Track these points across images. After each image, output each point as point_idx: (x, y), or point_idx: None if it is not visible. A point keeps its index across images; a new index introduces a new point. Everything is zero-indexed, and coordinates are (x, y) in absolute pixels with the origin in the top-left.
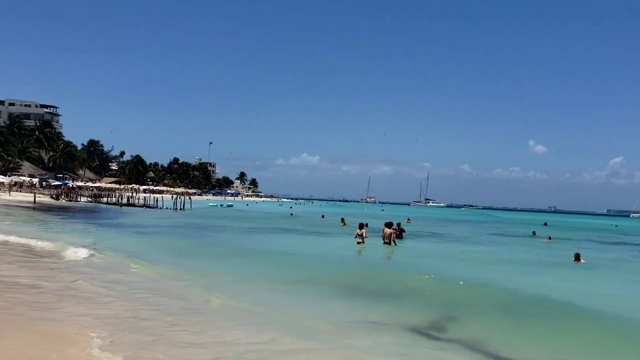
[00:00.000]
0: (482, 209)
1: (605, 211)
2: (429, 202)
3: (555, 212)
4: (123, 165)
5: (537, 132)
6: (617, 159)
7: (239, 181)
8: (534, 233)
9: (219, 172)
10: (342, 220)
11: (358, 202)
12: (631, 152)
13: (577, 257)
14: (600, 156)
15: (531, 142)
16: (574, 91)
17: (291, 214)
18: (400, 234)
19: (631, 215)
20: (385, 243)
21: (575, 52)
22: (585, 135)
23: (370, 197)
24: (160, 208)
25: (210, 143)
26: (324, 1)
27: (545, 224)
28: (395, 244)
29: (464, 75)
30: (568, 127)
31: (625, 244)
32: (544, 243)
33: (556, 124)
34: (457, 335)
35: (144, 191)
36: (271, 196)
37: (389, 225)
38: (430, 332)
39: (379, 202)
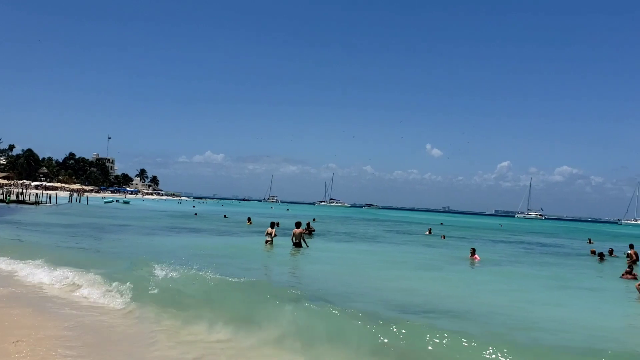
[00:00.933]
0: (383, 208)
1: (493, 211)
2: (333, 202)
3: (449, 212)
4: (12, 160)
5: (433, 137)
6: (505, 163)
7: (139, 178)
8: (429, 231)
9: (118, 169)
10: (249, 219)
11: (260, 201)
12: (517, 157)
13: (473, 253)
14: (490, 160)
15: (428, 146)
16: (465, 101)
17: (195, 214)
18: (310, 233)
19: (516, 216)
20: (294, 243)
21: (465, 71)
22: (477, 141)
23: (273, 196)
24: (53, 205)
25: (109, 138)
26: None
27: (442, 224)
28: (307, 245)
29: (367, 85)
30: (461, 133)
31: (509, 242)
32: (440, 240)
33: (450, 130)
34: None
35: (36, 187)
36: (172, 194)
37: (298, 225)
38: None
39: (281, 202)
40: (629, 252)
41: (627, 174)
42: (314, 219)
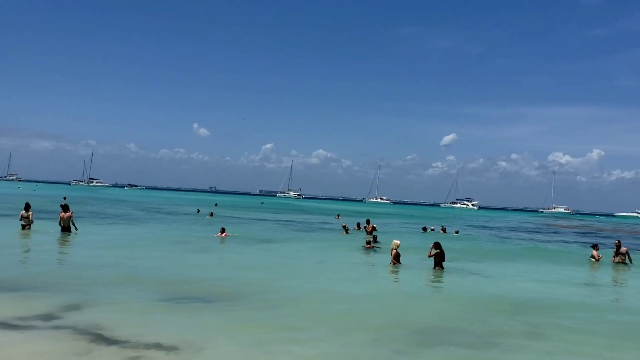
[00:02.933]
0: (147, 188)
1: (258, 191)
2: (92, 182)
3: (216, 192)
4: None
5: (200, 116)
6: (269, 145)
7: None
8: (198, 211)
9: None
10: None
11: None
12: (280, 140)
13: (222, 231)
14: (255, 142)
15: (195, 125)
16: (235, 81)
17: None
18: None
19: (277, 195)
20: (63, 228)
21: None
22: (244, 122)
23: (12, 174)
24: None
25: None
26: None
27: (217, 205)
28: (76, 229)
29: (131, 58)
30: (229, 113)
31: (265, 220)
32: (208, 219)
33: (218, 110)
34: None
35: None
36: None
37: (65, 208)
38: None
39: (25, 181)
40: (366, 225)
41: (371, 159)
42: (64, 198)
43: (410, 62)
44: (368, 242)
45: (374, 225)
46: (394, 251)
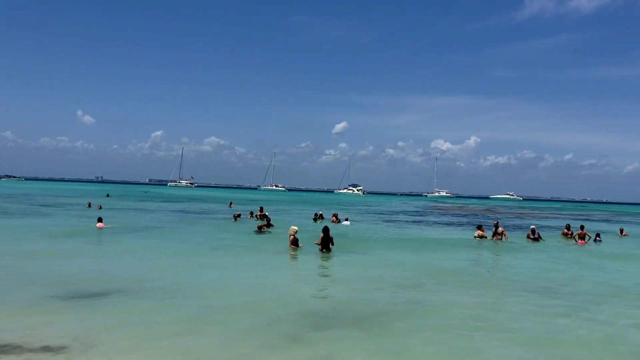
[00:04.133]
0: (27, 179)
1: (147, 180)
2: None
3: (102, 181)
4: None
5: (85, 103)
6: (158, 133)
7: None
8: (89, 204)
9: None
10: None
11: None
12: (170, 127)
13: (100, 221)
14: (144, 129)
15: (79, 112)
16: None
17: None
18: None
19: (168, 184)
20: None
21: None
22: (132, 109)
23: None
24: None
25: None
26: None
27: (108, 195)
28: None
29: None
30: (115, 99)
31: (155, 210)
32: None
33: (103, 97)
34: None
35: None
36: None
37: None
38: None
39: None
40: (257, 213)
41: (265, 146)
42: None
43: (302, 50)
44: (259, 227)
45: (266, 213)
46: (292, 237)
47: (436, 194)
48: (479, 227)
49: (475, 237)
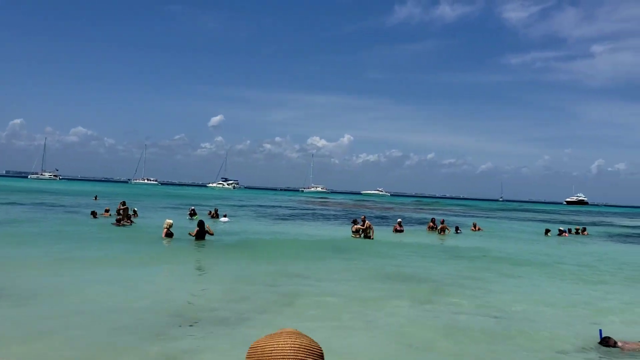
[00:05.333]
0: None
1: (4, 172)
2: None
3: None
4: None
5: None
6: (17, 121)
7: None
8: None
9: None
10: None
11: None
12: (32, 116)
13: None
14: (0, 116)
15: None
16: None
17: None
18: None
19: (29, 177)
20: None
21: None
22: None
23: None
24: None
25: None
26: None
27: None
28: None
29: None
30: None
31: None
32: None
33: None
34: None
35: None
36: None
37: None
38: None
39: None
40: (119, 207)
41: (136, 138)
42: None
43: (178, 40)
44: (118, 220)
45: (127, 207)
46: (166, 230)
47: (312, 189)
48: (354, 222)
49: (352, 231)
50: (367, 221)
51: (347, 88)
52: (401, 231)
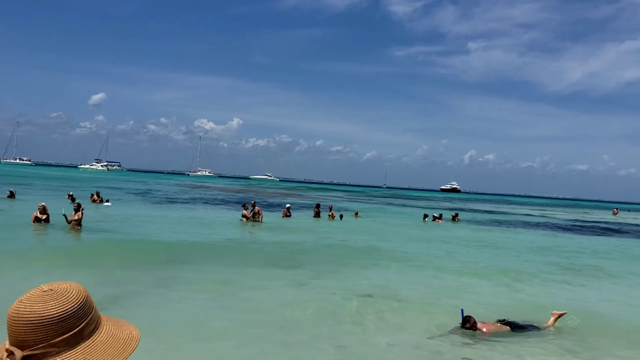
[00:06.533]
0: None
1: None
2: None
3: None
4: None
5: None
6: None
7: None
8: None
9: None
10: None
11: None
12: None
13: None
14: None
15: None
16: None
17: None
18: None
19: None
20: None
21: None
22: None
23: None
24: None
25: None
26: None
27: None
28: None
29: None
30: None
31: None
32: None
33: None
34: None
35: None
36: None
37: None
38: None
39: None
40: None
41: (8, 114)
42: None
43: (56, 12)
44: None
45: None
46: (35, 214)
47: (199, 173)
48: (244, 206)
49: (242, 215)
50: (256, 206)
51: (235, 71)
52: (289, 216)
